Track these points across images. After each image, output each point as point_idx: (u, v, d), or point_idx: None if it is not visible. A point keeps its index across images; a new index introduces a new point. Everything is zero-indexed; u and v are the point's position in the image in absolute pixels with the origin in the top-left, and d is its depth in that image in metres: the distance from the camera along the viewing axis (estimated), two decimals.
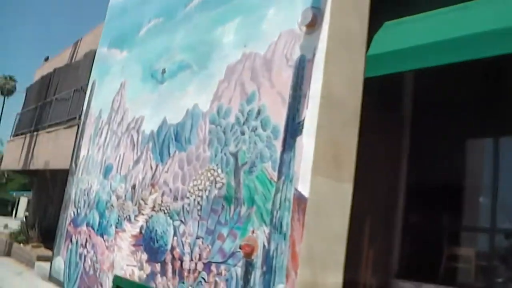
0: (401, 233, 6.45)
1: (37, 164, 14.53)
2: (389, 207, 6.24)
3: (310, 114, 4.69)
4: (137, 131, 7.66)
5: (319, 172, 4.57)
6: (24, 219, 16.81)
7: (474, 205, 7.21)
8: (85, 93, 10.63)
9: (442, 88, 6.59)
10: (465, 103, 6.79)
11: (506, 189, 6.38)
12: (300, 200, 4.52)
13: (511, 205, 6.55)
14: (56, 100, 14.63)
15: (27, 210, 17.21)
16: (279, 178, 4.76)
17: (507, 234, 6.81)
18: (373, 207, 5.83)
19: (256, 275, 4.72)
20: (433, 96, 6.74)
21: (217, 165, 5.60)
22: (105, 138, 8.78)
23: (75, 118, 11.86)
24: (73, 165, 10.01)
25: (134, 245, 6.96)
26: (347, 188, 4.80)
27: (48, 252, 10.91)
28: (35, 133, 15.35)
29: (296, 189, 4.57)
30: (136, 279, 6.47)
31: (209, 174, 5.69)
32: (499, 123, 6.54)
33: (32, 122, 16.24)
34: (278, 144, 4.88)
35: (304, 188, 4.52)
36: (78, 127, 10.42)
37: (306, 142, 4.62)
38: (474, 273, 6.63)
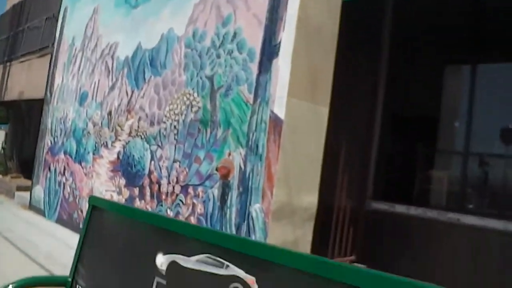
0: (376, 157, 6.55)
1: (12, 95, 14.30)
2: (365, 131, 6.29)
3: (287, 37, 4.64)
4: (112, 57, 7.54)
5: (295, 95, 4.56)
6: (2, 151, 16.70)
7: (449, 131, 7.34)
8: (57, 20, 10.35)
9: (421, 14, 6.55)
10: (444, 30, 6.78)
11: (480, 114, 6.46)
12: (276, 122, 4.53)
13: (485, 130, 6.66)
14: (28, 29, 14.23)
15: (5, 142, 17.02)
16: (255, 100, 4.75)
17: (481, 162, 6.96)
18: (349, 131, 5.88)
19: (233, 196, 4.78)
20: (412, 23, 6.70)
21: (193, 89, 5.56)
22: (79, 65, 8.63)
23: (48, 46, 11.58)
24: (48, 94, 9.87)
25: (112, 171, 6.98)
26: (323, 111, 4.82)
27: (27, 182, 10.91)
28: (8, 63, 15.01)
29: (272, 111, 4.57)
30: None
31: (185, 98, 5.66)
32: (477, 50, 6.55)
33: (4, 53, 15.85)
34: (254, 67, 4.84)
35: (280, 110, 4.52)
36: (52, 56, 10.20)
37: (282, 65, 4.59)
38: (445, 196, 6.81)
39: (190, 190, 5.32)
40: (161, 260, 2.38)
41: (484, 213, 6.13)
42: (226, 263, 2.05)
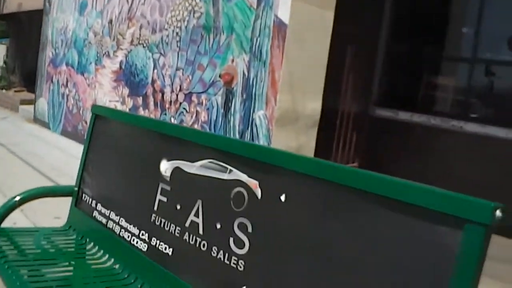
0: (382, 63, 6.46)
1: (11, 7, 13.98)
2: (371, 36, 6.17)
3: None
4: None
5: None
6: (4, 66, 16.53)
7: (457, 35, 7.17)
8: None
9: None
10: None
11: (490, 18, 6.28)
12: (280, 27, 4.42)
13: (494, 35, 6.51)
14: None
15: (6, 56, 16.83)
16: (258, 4, 4.62)
17: (487, 70, 6.85)
18: (355, 36, 5.76)
19: (237, 103, 4.76)
20: None
21: None
22: None
23: None
24: (47, 4, 9.63)
25: (115, 81, 6.93)
26: (329, 15, 4.69)
27: (31, 96, 10.88)
28: None
29: (276, 16, 4.45)
30: None
31: (187, 4, 5.51)
32: None
33: None
34: None
35: (284, 14, 4.41)
36: None
37: None
38: (450, 104, 6.77)
39: (194, 97, 5.29)
40: (165, 166, 2.40)
41: (487, 120, 6.11)
42: (230, 167, 2.06)
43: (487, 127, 5.66)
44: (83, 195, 2.86)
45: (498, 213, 1.43)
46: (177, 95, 5.54)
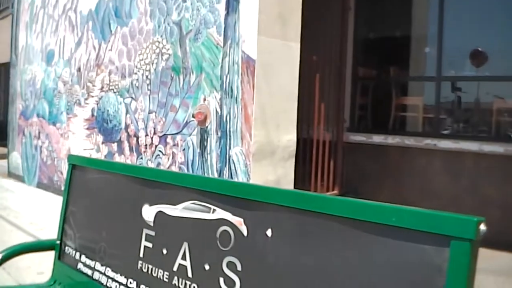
0: (351, 88, 6.57)
1: None
2: (338, 63, 6.28)
3: None
4: (75, 12, 7.32)
5: (265, 33, 4.50)
6: None
7: (421, 56, 7.34)
8: None
9: None
10: None
11: (450, 38, 6.45)
12: (248, 62, 4.48)
13: (455, 54, 6.68)
14: None
15: None
16: (225, 42, 4.68)
17: (453, 86, 7.01)
18: (322, 64, 5.86)
19: (212, 141, 4.77)
20: None
21: (161, 36, 5.45)
22: (42, 23, 8.38)
23: (8, 7, 11.21)
24: (14, 56, 9.60)
25: (88, 129, 6.90)
26: (295, 47, 4.77)
27: (3, 150, 10.74)
28: None
29: (243, 52, 4.51)
30: None
31: (154, 47, 5.55)
32: None
33: None
34: (221, 8, 4.74)
35: (251, 50, 4.47)
36: (13, 16, 9.88)
37: (250, 3, 4.50)
38: (421, 123, 6.89)
39: (169, 139, 5.29)
40: (148, 211, 2.39)
41: (459, 136, 6.24)
42: (213, 207, 2.06)
43: (460, 143, 5.77)
44: (66, 247, 2.82)
45: (482, 227, 1.46)
46: (152, 138, 5.54)
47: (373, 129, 6.71)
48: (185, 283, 2.14)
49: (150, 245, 2.35)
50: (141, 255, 2.39)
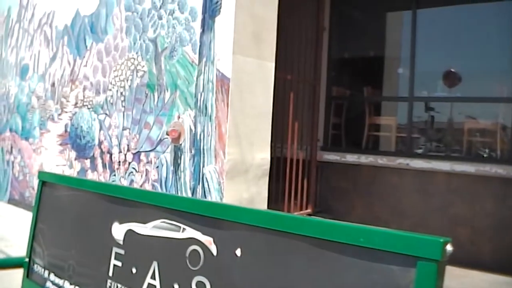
0: (325, 108, 6.63)
1: None
2: (312, 82, 6.33)
3: None
4: (50, 26, 7.27)
5: (240, 51, 4.53)
6: None
7: (393, 77, 7.45)
8: None
9: None
10: None
11: (423, 59, 6.57)
12: (223, 80, 4.49)
13: (428, 75, 6.80)
14: None
15: None
16: (200, 60, 4.69)
17: (426, 107, 7.13)
18: (296, 83, 5.91)
19: (186, 159, 4.76)
20: None
21: (136, 53, 5.45)
22: (17, 37, 8.31)
23: None
24: None
25: (61, 145, 6.83)
26: (269, 66, 4.81)
27: None
28: None
29: (218, 70, 4.53)
30: None
31: (129, 63, 5.54)
32: None
33: None
34: (197, 26, 4.76)
35: (226, 68, 4.48)
36: None
37: (225, 22, 4.53)
38: (394, 143, 6.98)
39: (143, 156, 5.26)
40: (117, 230, 2.37)
41: (431, 156, 6.33)
42: (182, 226, 2.06)
43: (432, 162, 5.84)
44: (35, 265, 2.78)
45: (448, 247, 1.48)
46: (125, 155, 5.50)
47: (347, 148, 6.78)
48: None
49: (119, 263, 2.34)
50: (110, 273, 2.37)
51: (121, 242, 2.34)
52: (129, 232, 2.30)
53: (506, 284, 4.95)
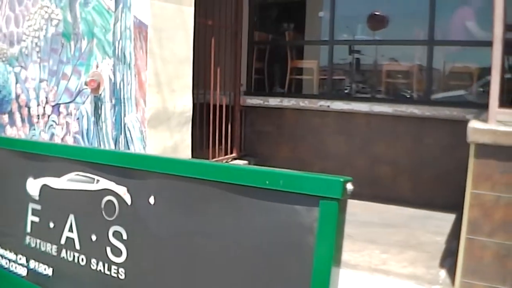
0: (247, 52, 6.62)
1: None
2: (234, 27, 6.29)
3: None
4: None
5: None
6: None
7: (315, 20, 7.50)
8: None
9: None
10: None
11: (344, 2, 6.62)
12: (140, 27, 4.40)
13: (347, 18, 6.88)
14: None
15: None
16: (116, 7, 4.55)
17: (350, 51, 7.25)
18: (217, 28, 5.86)
19: (106, 109, 4.68)
20: None
21: (50, 1, 5.22)
22: None
23: None
24: None
25: None
26: (188, 11, 4.73)
27: None
28: None
29: (135, 17, 4.42)
30: None
31: (43, 12, 5.31)
32: None
33: None
34: None
35: (143, 15, 4.38)
36: None
37: None
38: (317, 85, 7.10)
39: (62, 109, 5.13)
40: (32, 185, 2.34)
41: (351, 97, 6.49)
42: (96, 177, 2.06)
43: (351, 104, 6.01)
44: None
45: (349, 186, 1.56)
46: (44, 108, 5.35)
47: (270, 92, 6.84)
48: (73, 255, 2.14)
49: (36, 219, 2.33)
50: (28, 230, 2.36)
51: (37, 198, 2.32)
52: (44, 187, 2.28)
53: (424, 217, 5.21)
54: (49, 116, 5.29)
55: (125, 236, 1.94)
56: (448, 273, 3.62)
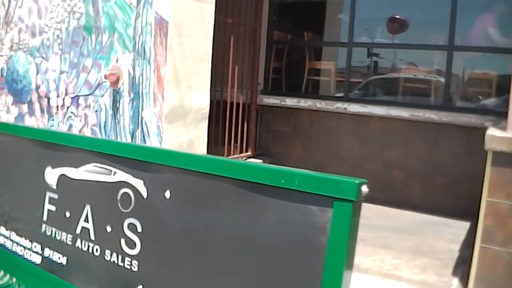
0: (265, 52, 6.63)
1: None
2: (253, 26, 6.30)
3: None
4: None
5: None
6: None
7: (335, 22, 7.49)
8: None
9: None
10: None
11: (364, 5, 6.60)
12: (161, 23, 4.43)
13: (367, 20, 6.86)
14: None
15: None
16: (138, 2, 4.59)
17: (368, 53, 7.22)
18: (237, 26, 5.87)
19: (125, 103, 4.72)
20: None
21: None
22: None
23: None
24: None
25: None
26: (209, 8, 4.76)
27: None
28: None
29: (156, 13, 4.45)
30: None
31: (65, 5, 5.36)
32: None
33: None
34: None
35: (164, 11, 4.42)
36: None
37: None
38: (334, 87, 7.09)
39: (81, 101, 5.18)
40: (50, 174, 2.38)
41: (368, 100, 6.47)
42: (114, 169, 2.09)
43: (368, 107, 5.99)
44: None
45: (364, 188, 1.57)
46: (63, 99, 5.40)
47: (287, 92, 6.84)
48: (88, 245, 2.17)
49: (53, 208, 2.36)
50: (44, 218, 2.39)
51: (54, 187, 2.35)
52: (62, 177, 2.31)
53: (437, 223, 5.18)
54: (68, 108, 5.34)
55: (139, 229, 1.97)
56: (460, 282, 3.60)
